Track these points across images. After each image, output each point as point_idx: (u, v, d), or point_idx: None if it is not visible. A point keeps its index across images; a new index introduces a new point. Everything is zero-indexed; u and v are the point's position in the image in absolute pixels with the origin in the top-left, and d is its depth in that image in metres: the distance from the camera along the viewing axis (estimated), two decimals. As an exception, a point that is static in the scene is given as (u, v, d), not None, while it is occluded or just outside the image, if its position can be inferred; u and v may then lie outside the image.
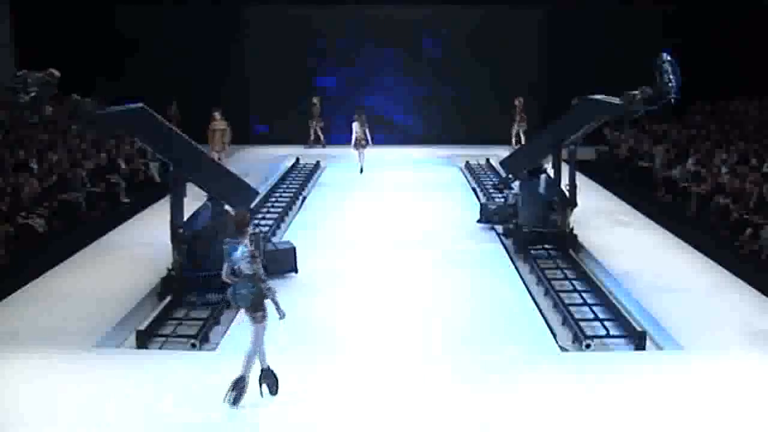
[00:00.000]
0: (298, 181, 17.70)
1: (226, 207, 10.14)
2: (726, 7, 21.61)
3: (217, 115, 18.01)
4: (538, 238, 11.74)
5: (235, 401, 6.60)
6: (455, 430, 6.39)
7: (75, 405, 6.71)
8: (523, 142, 20.79)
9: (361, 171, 18.50)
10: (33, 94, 8.75)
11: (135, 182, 16.37)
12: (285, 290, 10.06)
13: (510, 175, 13.31)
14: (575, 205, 11.80)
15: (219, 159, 16.25)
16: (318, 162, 19.84)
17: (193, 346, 8.29)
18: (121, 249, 11.49)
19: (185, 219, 9.90)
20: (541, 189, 11.96)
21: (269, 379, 6.82)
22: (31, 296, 9.39)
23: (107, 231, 12.41)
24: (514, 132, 21.51)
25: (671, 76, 10.16)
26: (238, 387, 6.61)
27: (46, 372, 7.34)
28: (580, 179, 16.87)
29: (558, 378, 7.34)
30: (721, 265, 10.71)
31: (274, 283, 7.08)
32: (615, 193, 15.67)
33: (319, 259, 11.50)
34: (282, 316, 6.71)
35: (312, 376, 7.39)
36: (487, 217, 13.13)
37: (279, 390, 6.83)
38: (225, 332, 8.69)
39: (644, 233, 12.66)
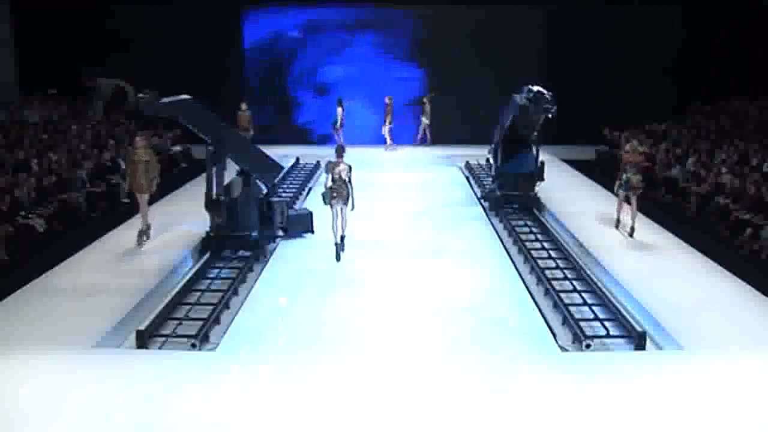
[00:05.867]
0: (299, 181, 17.71)
1: (256, 180, 12.05)
2: (726, 8, 21.62)
3: (138, 140, 11.90)
4: (507, 200, 14.55)
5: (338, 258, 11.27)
6: (455, 430, 6.39)
7: (75, 405, 6.71)
8: (389, 142, 21.82)
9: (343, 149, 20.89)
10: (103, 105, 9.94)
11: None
12: (285, 290, 10.12)
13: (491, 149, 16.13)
14: (541, 179, 14.45)
15: (145, 201, 11.99)
16: (318, 162, 19.83)
17: (193, 346, 8.29)
18: (122, 249, 11.47)
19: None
20: (513, 163, 14.59)
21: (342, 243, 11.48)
22: (31, 296, 9.38)
23: (107, 231, 12.41)
24: (386, 130, 21.78)
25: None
26: (341, 248, 11.39)
27: (46, 372, 7.34)
28: (581, 179, 17.04)
29: (558, 378, 7.34)
30: (721, 265, 10.71)
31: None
32: (615, 193, 15.62)
33: (318, 257, 11.52)
34: (353, 208, 11.35)
35: (312, 376, 7.39)
36: (485, 196, 15.66)
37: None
38: (225, 332, 8.68)
39: (644, 233, 12.64)
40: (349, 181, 11.28)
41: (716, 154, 16.19)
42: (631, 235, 12.09)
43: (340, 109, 21.50)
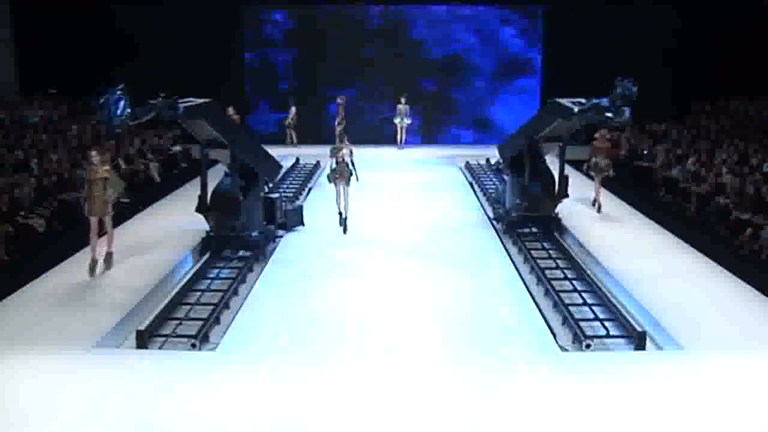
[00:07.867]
0: (299, 181, 17.70)
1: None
2: (726, 7, 21.62)
3: (94, 156, 10.26)
4: (526, 222, 12.96)
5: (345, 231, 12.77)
6: (454, 430, 6.39)
7: (75, 405, 6.71)
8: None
9: (295, 143, 22.14)
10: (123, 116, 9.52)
11: (135, 182, 16.36)
12: (285, 290, 10.12)
13: (500, 161, 15.34)
14: (566, 195, 12.95)
15: (106, 230, 10.52)
16: (318, 162, 19.81)
17: (193, 346, 8.29)
18: (121, 249, 11.45)
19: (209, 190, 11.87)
20: (527, 178, 12.92)
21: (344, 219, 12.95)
22: (31, 296, 9.38)
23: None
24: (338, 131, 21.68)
25: (619, 101, 11.51)
26: (342, 222, 12.86)
27: (46, 372, 7.34)
28: (581, 179, 17.00)
29: (558, 378, 7.34)
30: (721, 265, 10.71)
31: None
32: (615, 193, 15.65)
33: (318, 256, 11.52)
34: (357, 179, 12.99)
35: (312, 376, 7.39)
36: (498, 216, 13.94)
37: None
38: (225, 332, 8.68)
39: (644, 233, 12.66)
40: (352, 163, 12.86)
41: (716, 154, 16.18)
42: (598, 210, 13.75)
43: (293, 109, 21.93)
